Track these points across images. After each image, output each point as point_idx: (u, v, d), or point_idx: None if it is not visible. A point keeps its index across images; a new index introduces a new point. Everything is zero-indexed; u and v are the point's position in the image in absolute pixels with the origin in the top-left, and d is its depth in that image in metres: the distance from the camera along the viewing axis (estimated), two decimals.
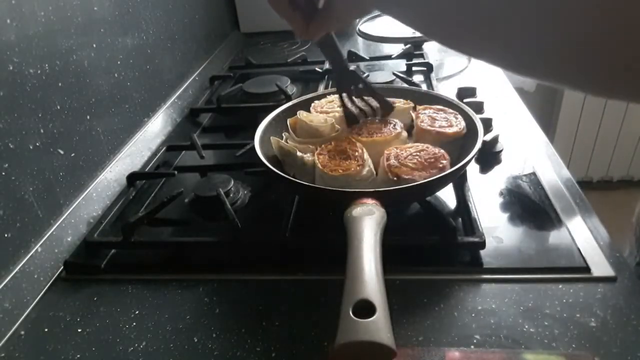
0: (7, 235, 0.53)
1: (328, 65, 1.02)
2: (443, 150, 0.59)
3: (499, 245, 0.55)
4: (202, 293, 0.53)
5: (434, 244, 0.55)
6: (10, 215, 0.54)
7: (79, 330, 0.50)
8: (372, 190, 0.50)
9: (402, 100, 0.69)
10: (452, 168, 0.55)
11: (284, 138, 0.66)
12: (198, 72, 1.08)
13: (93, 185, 0.68)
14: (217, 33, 1.24)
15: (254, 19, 1.37)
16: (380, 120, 0.66)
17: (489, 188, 0.65)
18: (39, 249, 0.57)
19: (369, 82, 0.68)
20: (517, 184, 0.65)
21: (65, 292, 0.55)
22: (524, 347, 0.43)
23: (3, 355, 0.48)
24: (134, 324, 0.50)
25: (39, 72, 0.59)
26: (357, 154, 0.59)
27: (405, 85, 0.90)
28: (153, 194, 0.71)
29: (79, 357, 0.47)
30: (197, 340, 0.47)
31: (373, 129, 0.65)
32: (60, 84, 0.63)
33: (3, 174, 0.53)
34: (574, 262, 0.52)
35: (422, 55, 1.07)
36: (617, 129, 2.02)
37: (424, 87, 0.92)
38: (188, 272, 0.56)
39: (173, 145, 0.82)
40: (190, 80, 1.04)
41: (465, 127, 0.63)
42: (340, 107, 0.68)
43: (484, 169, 0.69)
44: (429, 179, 0.54)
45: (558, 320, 0.45)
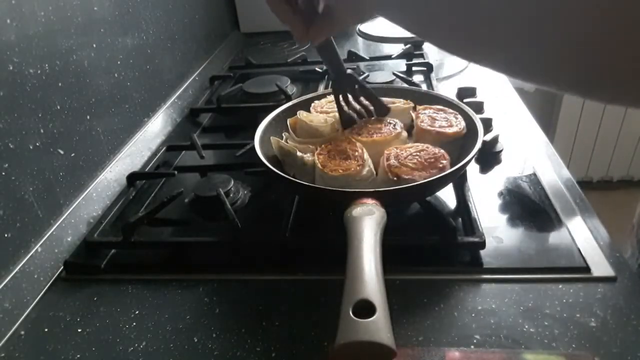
0: (7, 235, 0.53)
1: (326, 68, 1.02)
2: (443, 150, 0.59)
3: (499, 245, 0.55)
4: (202, 293, 0.53)
5: (434, 244, 0.55)
6: (10, 215, 0.54)
7: (79, 330, 0.50)
8: (372, 190, 0.50)
9: (402, 100, 0.69)
10: (452, 168, 0.55)
11: (284, 138, 0.66)
12: (198, 72, 1.08)
13: (93, 185, 0.68)
14: (217, 33, 1.24)
15: (254, 19, 1.37)
16: (381, 120, 0.66)
17: (489, 188, 0.65)
18: (39, 249, 0.57)
19: (366, 84, 0.68)
20: (517, 184, 0.65)
21: (65, 292, 0.55)
22: (524, 347, 0.43)
23: (3, 355, 0.48)
24: (134, 324, 0.50)
25: (39, 72, 0.59)
26: (357, 154, 0.59)
27: (405, 85, 0.90)
28: (153, 194, 0.71)
29: (79, 357, 0.47)
30: (197, 340, 0.47)
31: (373, 129, 0.64)
32: (60, 84, 0.63)
33: (3, 174, 0.53)
34: (574, 262, 0.52)
35: (422, 55, 1.07)
36: (617, 129, 2.02)
37: (424, 87, 0.92)
38: (188, 272, 0.56)
39: (173, 145, 0.82)
40: (190, 80, 1.04)
41: (465, 127, 0.63)
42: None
43: (484, 169, 0.69)
44: (429, 179, 0.54)
45: (558, 320, 0.45)
